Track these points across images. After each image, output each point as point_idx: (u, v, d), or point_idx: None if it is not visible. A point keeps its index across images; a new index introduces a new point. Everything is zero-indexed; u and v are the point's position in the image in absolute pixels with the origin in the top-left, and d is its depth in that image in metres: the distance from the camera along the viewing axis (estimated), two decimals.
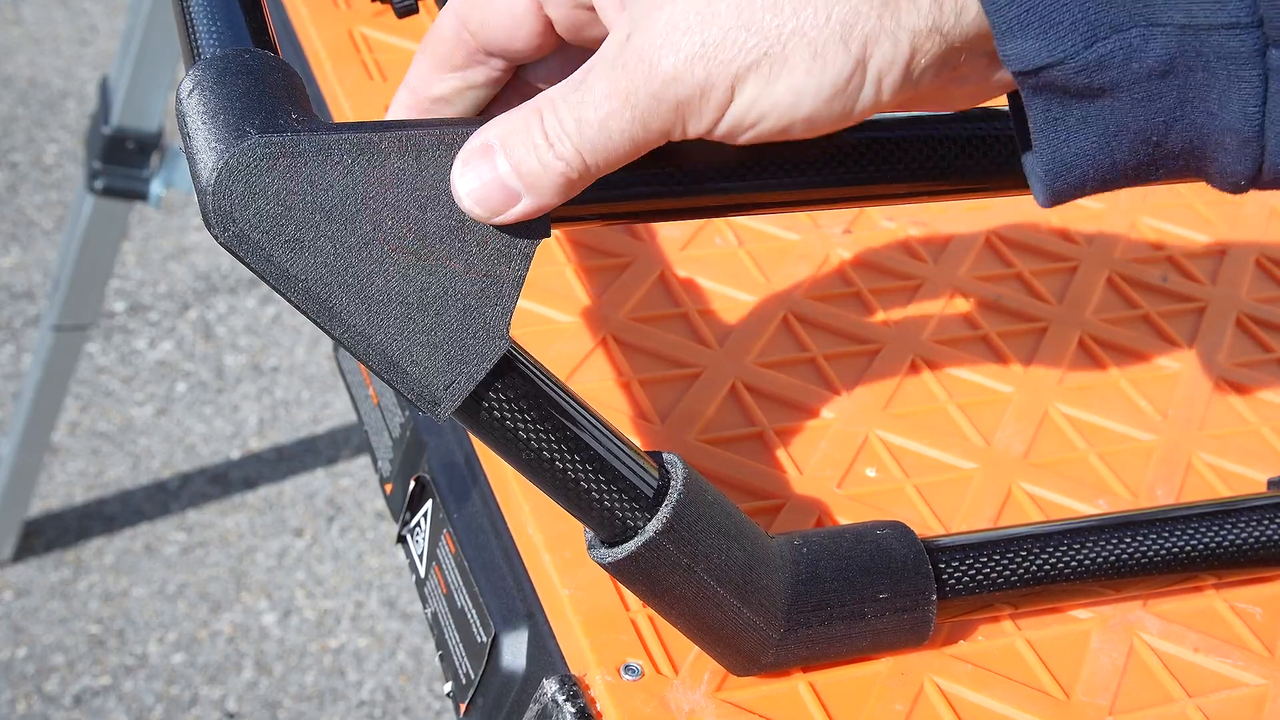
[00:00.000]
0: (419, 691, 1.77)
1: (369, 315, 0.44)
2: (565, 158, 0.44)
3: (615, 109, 0.43)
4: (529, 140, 0.44)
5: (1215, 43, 0.41)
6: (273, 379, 2.15)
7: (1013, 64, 0.42)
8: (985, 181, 0.54)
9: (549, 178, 0.44)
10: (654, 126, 0.44)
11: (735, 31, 0.42)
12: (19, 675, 1.72)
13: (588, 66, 0.44)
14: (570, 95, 0.44)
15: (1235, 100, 0.42)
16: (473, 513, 0.65)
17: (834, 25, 0.42)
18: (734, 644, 0.52)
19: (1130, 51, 0.41)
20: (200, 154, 0.42)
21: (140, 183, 1.49)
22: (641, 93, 0.43)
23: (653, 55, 0.43)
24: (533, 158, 0.44)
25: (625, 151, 0.44)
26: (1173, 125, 0.43)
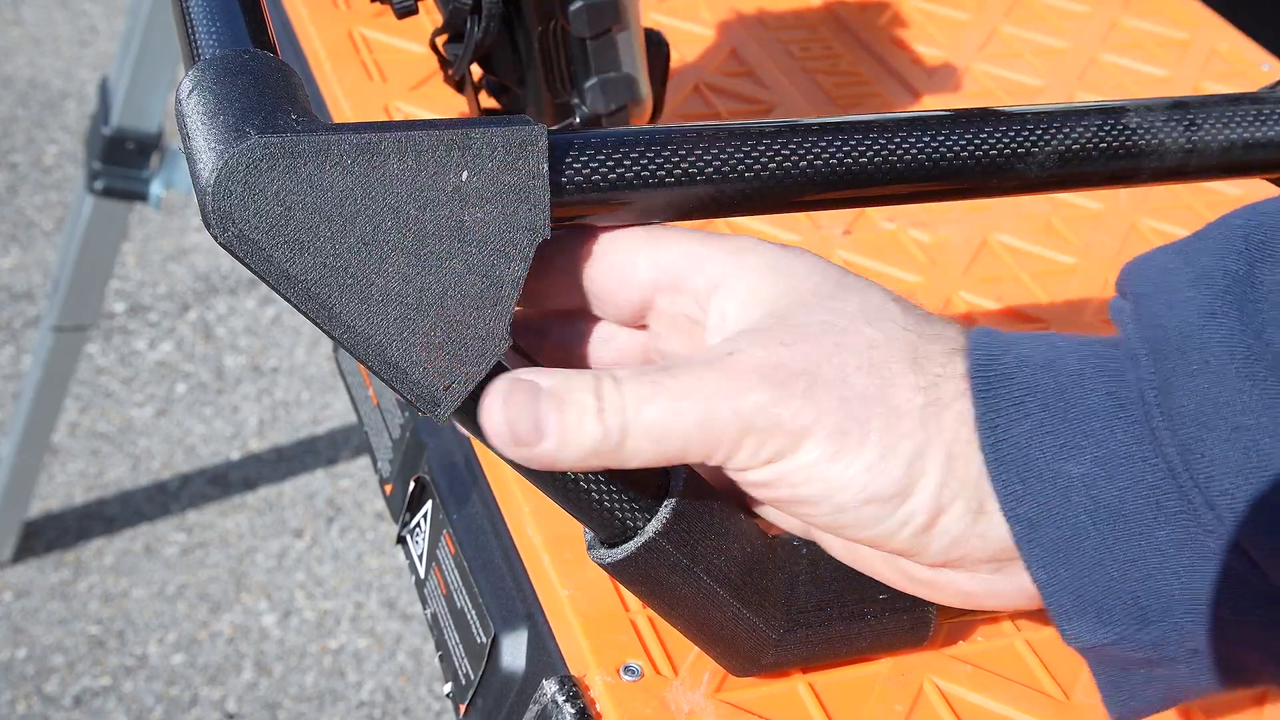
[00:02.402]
0: (419, 692, 1.77)
1: (369, 316, 0.44)
2: (606, 425, 0.44)
3: (687, 408, 0.44)
4: (579, 400, 0.44)
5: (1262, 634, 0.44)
6: (272, 380, 2.15)
7: (1073, 643, 0.45)
8: (985, 181, 0.54)
9: (581, 437, 0.44)
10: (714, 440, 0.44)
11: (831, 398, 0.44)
12: (19, 676, 1.72)
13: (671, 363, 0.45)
14: (644, 377, 0.44)
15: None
16: (472, 513, 0.65)
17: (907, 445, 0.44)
18: (733, 645, 0.52)
19: (1183, 633, 0.44)
20: (200, 155, 0.42)
21: (140, 183, 1.49)
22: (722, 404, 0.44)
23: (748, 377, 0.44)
24: (574, 414, 0.44)
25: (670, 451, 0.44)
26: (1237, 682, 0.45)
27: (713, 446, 0.45)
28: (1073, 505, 0.43)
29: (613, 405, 0.44)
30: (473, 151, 0.44)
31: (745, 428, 0.44)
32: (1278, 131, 0.57)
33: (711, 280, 0.47)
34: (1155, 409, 0.43)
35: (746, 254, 0.48)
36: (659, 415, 0.44)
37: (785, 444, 0.44)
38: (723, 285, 0.47)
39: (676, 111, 0.89)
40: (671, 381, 0.44)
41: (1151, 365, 0.44)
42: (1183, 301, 0.44)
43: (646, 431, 0.44)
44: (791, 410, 0.44)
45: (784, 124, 0.51)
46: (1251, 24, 1.10)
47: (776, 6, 1.01)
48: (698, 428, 0.44)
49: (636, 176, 0.48)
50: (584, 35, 0.70)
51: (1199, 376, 0.43)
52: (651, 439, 0.44)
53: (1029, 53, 1.01)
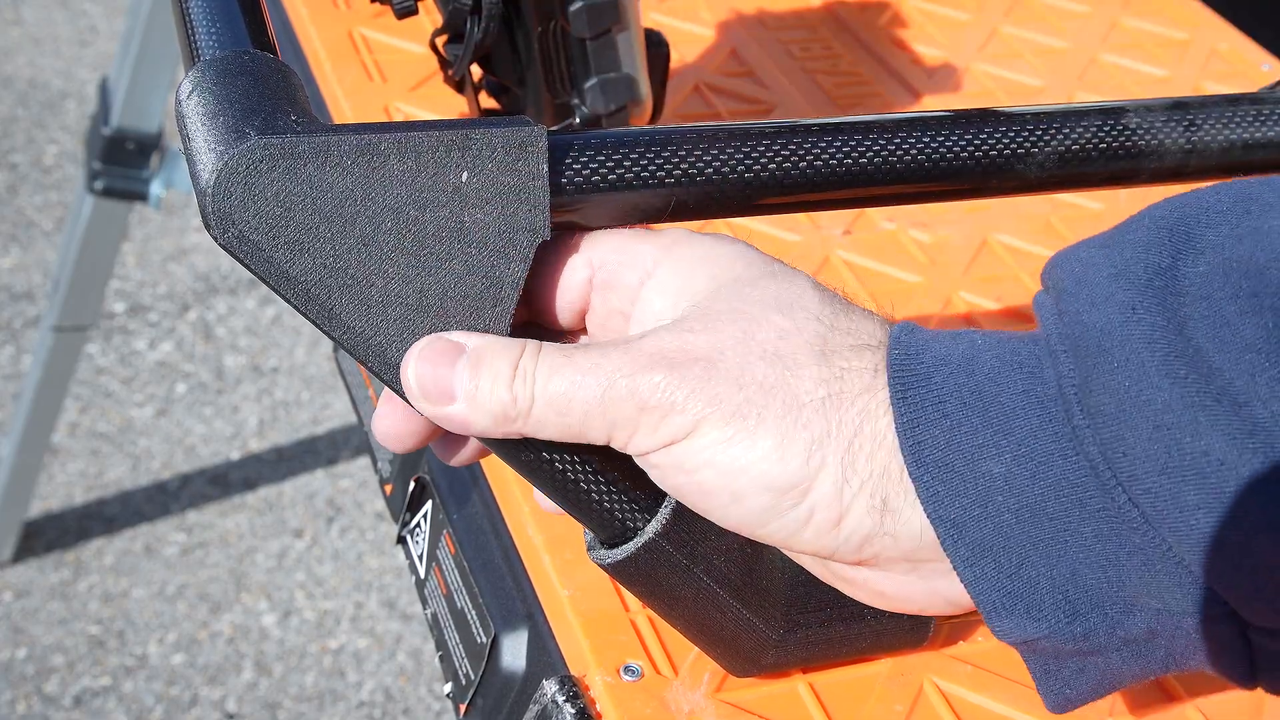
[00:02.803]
0: (419, 692, 1.78)
1: (368, 317, 0.44)
2: (516, 394, 0.45)
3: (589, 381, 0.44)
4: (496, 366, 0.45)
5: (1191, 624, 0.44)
6: (272, 380, 2.15)
7: (1004, 638, 0.45)
8: (985, 182, 0.54)
9: (488, 402, 0.45)
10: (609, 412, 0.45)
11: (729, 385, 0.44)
12: (19, 676, 1.72)
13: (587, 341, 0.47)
14: (560, 351, 0.45)
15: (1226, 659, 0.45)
16: (472, 514, 0.65)
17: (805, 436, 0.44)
18: (733, 645, 0.52)
19: (1112, 624, 0.44)
20: (200, 155, 0.42)
21: (140, 183, 1.49)
22: (621, 381, 0.44)
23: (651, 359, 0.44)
24: (488, 378, 0.45)
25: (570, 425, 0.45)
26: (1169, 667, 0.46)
27: (611, 424, 0.45)
28: (996, 505, 0.43)
29: (525, 374, 0.45)
30: (472, 152, 0.44)
31: (641, 405, 0.44)
32: (1278, 131, 0.57)
33: (641, 275, 0.48)
34: (1076, 407, 0.43)
35: (678, 246, 0.48)
36: (563, 387, 0.45)
37: (681, 425, 0.44)
38: (652, 278, 0.48)
39: (676, 111, 0.89)
40: (581, 356, 0.45)
41: (1072, 363, 0.43)
42: (1104, 298, 0.43)
43: (550, 402, 0.45)
44: (687, 391, 0.44)
45: (784, 124, 0.51)
46: (1251, 24, 1.10)
47: (776, 6, 1.01)
48: (597, 402, 0.45)
49: (636, 177, 0.48)
50: (584, 35, 0.70)
51: (1119, 374, 0.42)
52: (555, 410, 0.45)
53: (1029, 53, 1.01)
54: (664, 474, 0.46)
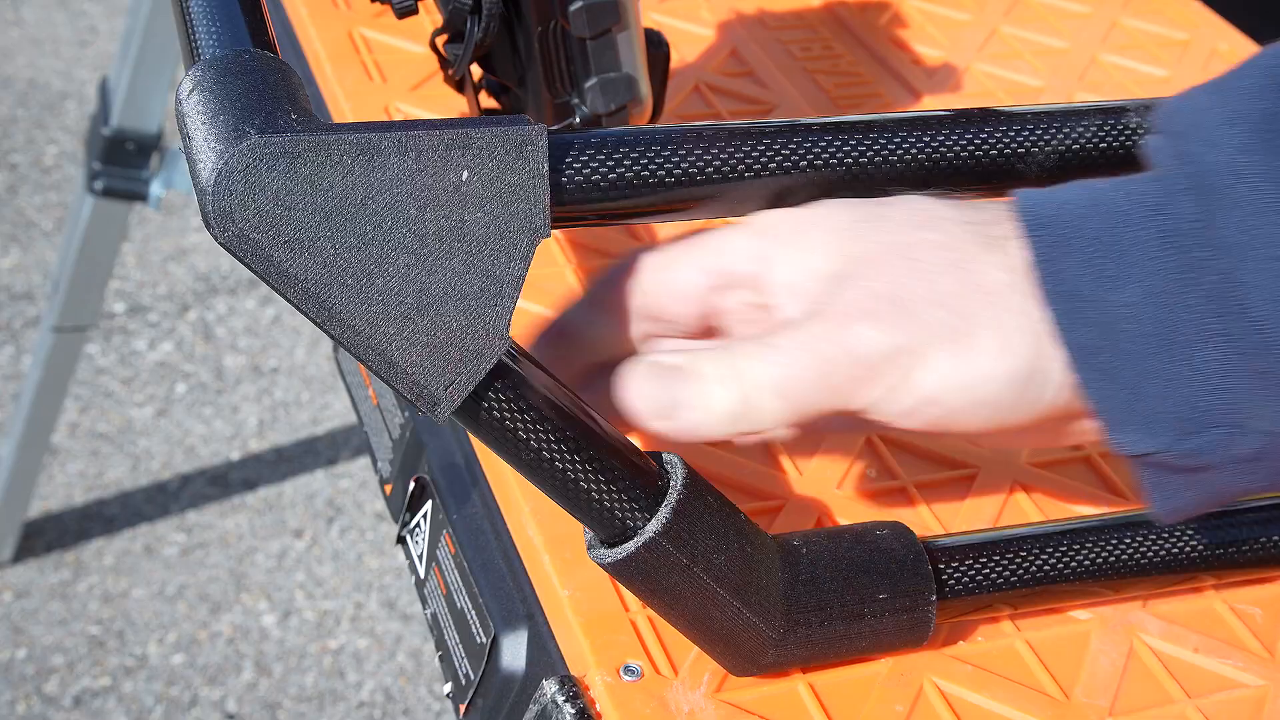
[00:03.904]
0: (419, 692, 1.77)
1: (368, 316, 0.44)
2: (735, 394, 0.47)
3: (807, 363, 0.46)
4: (711, 370, 0.47)
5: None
6: (272, 380, 2.15)
7: (1119, 450, 0.47)
8: (985, 181, 0.54)
9: (712, 406, 0.47)
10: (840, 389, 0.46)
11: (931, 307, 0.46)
12: (19, 676, 1.72)
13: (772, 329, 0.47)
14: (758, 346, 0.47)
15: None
16: (472, 514, 0.65)
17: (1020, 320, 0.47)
18: (733, 644, 0.52)
19: (1224, 444, 0.46)
20: (200, 154, 0.42)
21: (140, 184, 1.49)
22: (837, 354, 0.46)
23: (852, 321, 0.46)
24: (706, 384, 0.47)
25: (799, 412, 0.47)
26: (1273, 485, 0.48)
27: (843, 391, 0.47)
28: (1121, 332, 0.46)
29: (738, 371, 0.47)
30: (473, 151, 0.44)
31: (865, 363, 0.46)
32: None
33: (756, 263, 0.49)
34: (1197, 241, 0.45)
35: (775, 227, 0.49)
36: (780, 372, 0.46)
37: (909, 365, 0.46)
38: (773, 261, 0.49)
39: (676, 111, 0.89)
40: (783, 340, 0.46)
41: (1193, 199, 0.46)
42: (1220, 139, 0.46)
43: (774, 389, 0.46)
44: (895, 330, 0.46)
45: (784, 124, 0.51)
46: (1251, 24, 1.10)
47: (776, 6, 1.01)
48: (820, 375, 0.46)
49: (636, 176, 0.48)
50: (584, 35, 0.70)
51: (1238, 209, 0.45)
52: (781, 395, 0.46)
53: (1029, 53, 1.01)
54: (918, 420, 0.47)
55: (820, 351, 0.46)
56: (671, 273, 0.50)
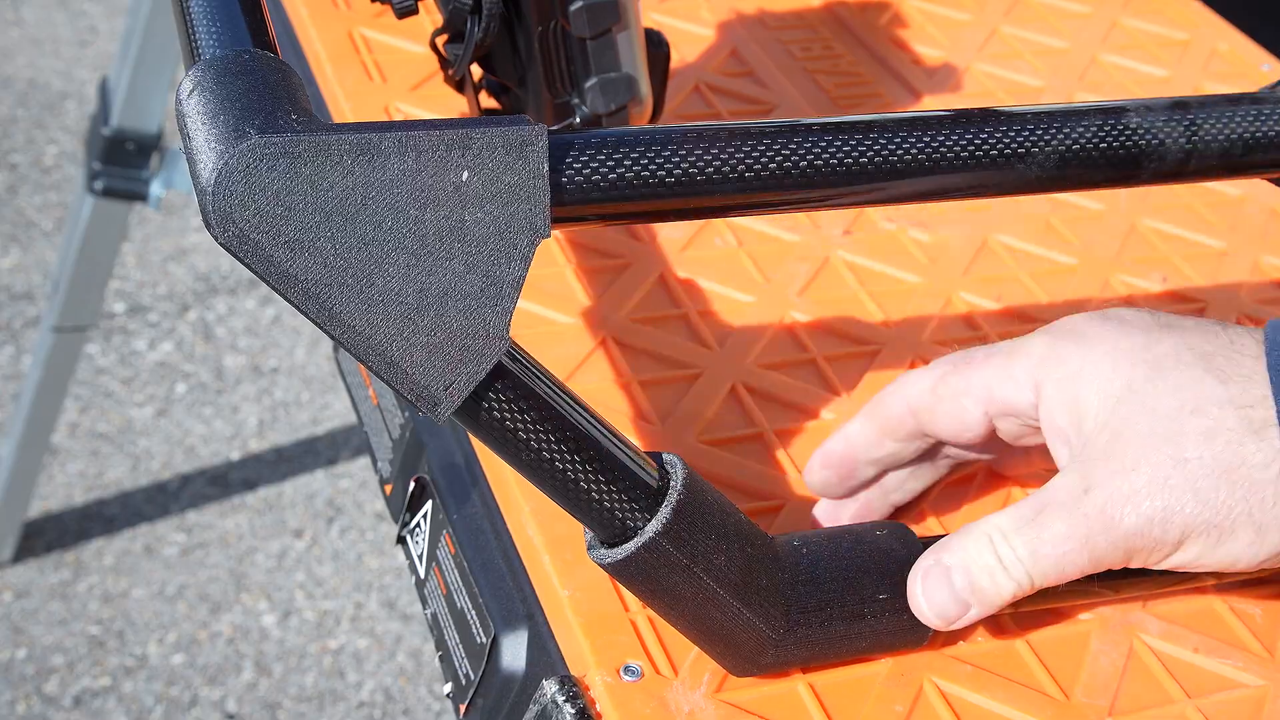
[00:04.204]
0: (419, 692, 1.77)
1: (369, 316, 0.44)
2: (1018, 580, 0.52)
3: (1073, 549, 0.51)
4: (983, 564, 0.52)
5: None
6: (272, 380, 2.15)
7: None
8: (985, 182, 0.54)
9: (1000, 595, 0.52)
10: (1103, 563, 0.52)
11: (1190, 504, 0.50)
12: (19, 676, 1.72)
13: (1038, 505, 0.52)
14: (1024, 529, 0.52)
15: None
16: (472, 514, 0.65)
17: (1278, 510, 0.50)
18: (734, 645, 0.52)
19: None
20: (200, 155, 0.42)
21: (140, 184, 1.49)
22: (1100, 540, 0.51)
23: (1114, 512, 0.51)
24: (986, 578, 0.52)
25: (1069, 578, 0.52)
26: None
27: (1108, 564, 0.52)
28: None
29: (1011, 560, 0.52)
30: (473, 152, 0.44)
31: (1129, 550, 0.51)
32: (1278, 131, 0.57)
33: (1030, 397, 0.54)
34: None
35: (1051, 362, 0.53)
36: (1053, 561, 0.51)
37: (1168, 548, 0.51)
38: (1043, 400, 0.53)
39: (676, 111, 0.89)
40: (1053, 530, 0.51)
41: None
42: None
43: (1046, 574, 0.52)
44: (1160, 529, 0.50)
45: (784, 124, 0.51)
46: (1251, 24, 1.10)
47: (776, 6, 1.01)
48: (1089, 561, 0.52)
49: (636, 177, 0.48)
50: (584, 35, 0.70)
51: None
52: (1055, 575, 0.52)
53: (1029, 53, 1.01)
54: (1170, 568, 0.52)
55: (1089, 539, 0.51)
56: (953, 404, 0.55)
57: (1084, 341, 0.53)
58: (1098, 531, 0.51)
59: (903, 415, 0.57)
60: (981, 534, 0.52)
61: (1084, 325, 0.53)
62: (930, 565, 0.53)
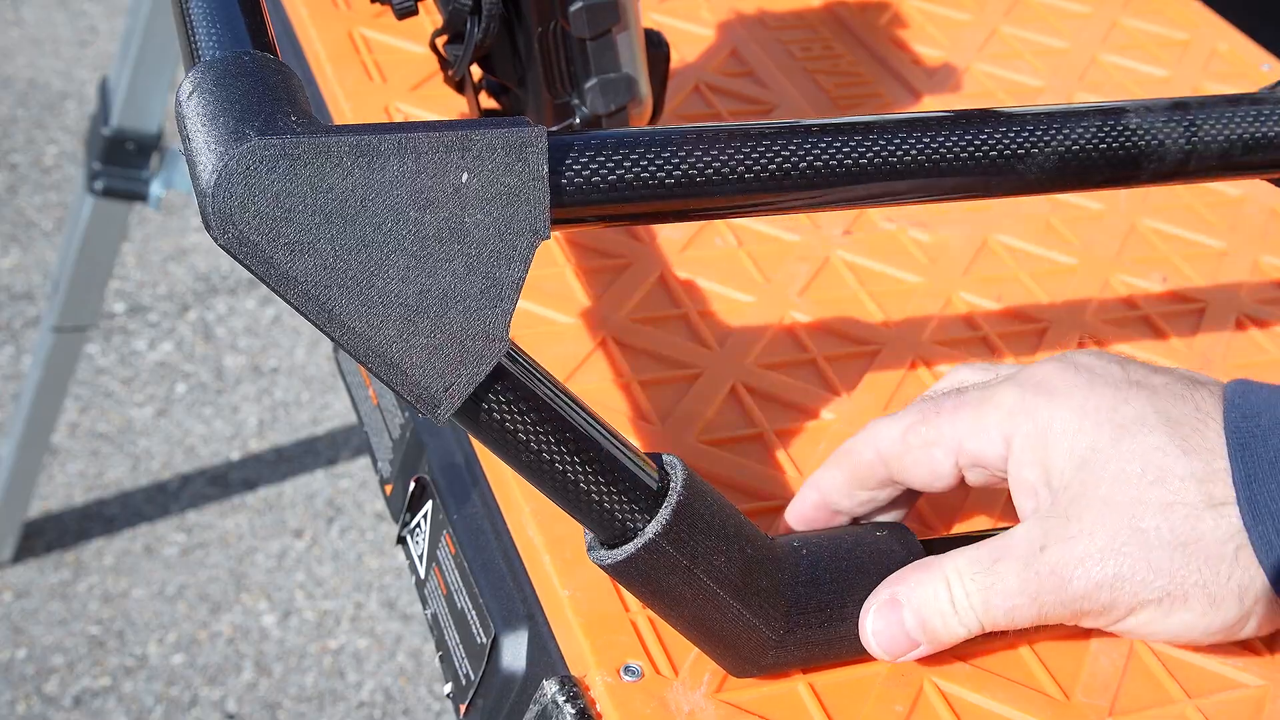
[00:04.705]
0: (419, 692, 1.77)
1: (368, 317, 0.44)
2: (968, 625, 0.53)
3: (1023, 604, 0.52)
4: (937, 606, 0.53)
5: None
6: (272, 380, 2.15)
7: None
8: (985, 182, 0.54)
9: (949, 636, 0.53)
10: (1050, 619, 0.52)
11: (1144, 572, 0.50)
12: (19, 676, 1.72)
13: (996, 554, 0.52)
14: (980, 577, 0.52)
15: None
16: (472, 514, 0.65)
17: (1233, 585, 0.50)
18: (734, 646, 0.52)
19: None
20: (200, 156, 0.42)
21: (140, 184, 1.49)
22: (1050, 599, 0.52)
23: (1066, 574, 0.51)
24: (938, 620, 0.53)
25: (1018, 628, 0.53)
26: None
27: (1056, 620, 0.53)
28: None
29: (964, 606, 0.52)
30: (473, 153, 0.44)
31: (1077, 612, 0.52)
32: (1278, 132, 0.57)
33: (1001, 450, 0.54)
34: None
35: (1020, 416, 0.54)
36: (1003, 612, 0.52)
37: (1118, 614, 0.52)
38: (1013, 454, 0.54)
39: (676, 111, 0.89)
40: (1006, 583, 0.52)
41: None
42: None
43: (997, 621, 0.52)
44: (1111, 594, 0.51)
45: (784, 124, 0.51)
46: (1251, 24, 1.10)
47: (776, 6, 1.01)
48: (1038, 618, 0.52)
49: (636, 178, 0.48)
50: (584, 36, 0.70)
51: None
52: (1005, 624, 0.53)
53: (1029, 53, 1.01)
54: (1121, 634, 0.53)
55: (1038, 597, 0.52)
56: (924, 453, 0.56)
57: (1054, 396, 0.53)
58: (1048, 590, 0.51)
59: (873, 463, 0.57)
60: (939, 575, 0.53)
61: (1054, 378, 0.54)
62: (885, 600, 0.53)
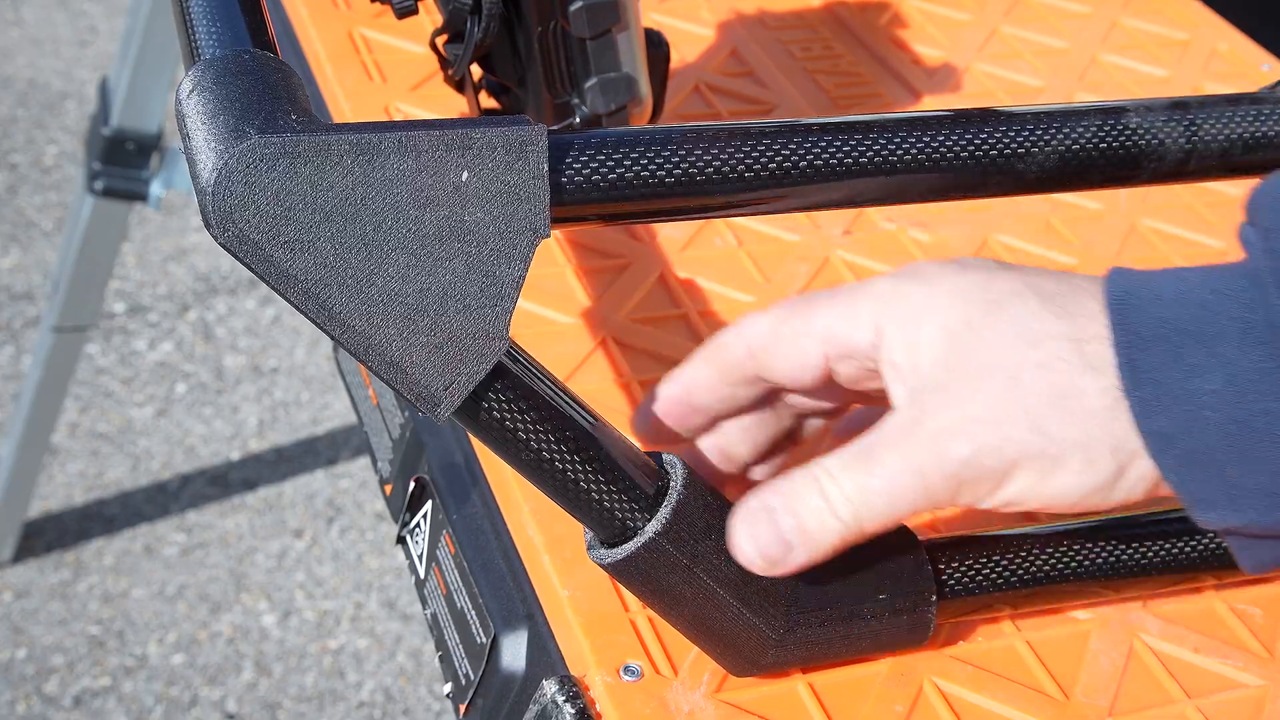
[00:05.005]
0: (419, 692, 1.77)
1: (368, 316, 0.44)
2: (844, 520, 0.50)
3: (904, 483, 0.49)
4: (810, 505, 0.50)
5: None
6: (272, 380, 2.15)
7: (1207, 526, 0.50)
8: (985, 182, 0.54)
9: (826, 537, 0.50)
10: (934, 498, 0.49)
11: (1024, 432, 0.49)
12: (19, 676, 1.72)
13: (867, 443, 0.50)
14: (853, 466, 0.50)
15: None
16: (472, 513, 0.65)
17: (1108, 440, 0.49)
18: (733, 645, 0.52)
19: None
20: (200, 155, 0.42)
21: (140, 184, 1.49)
22: (932, 471, 0.49)
23: (946, 442, 0.49)
24: (813, 519, 0.50)
25: (901, 517, 0.50)
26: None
27: (938, 501, 0.50)
28: (1204, 419, 0.48)
29: (839, 499, 0.50)
30: (473, 152, 0.44)
31: (958, 482, 0.49)
32: (1278, 132, 0.57)
33: (871, 337, 0.51)
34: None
35: (893, 300, 0.51)
36: (884, 498, 0.49)
37: (999, 479, 0.49)
38: (884, 338, 0.51)
39: (676, 111, 0.89)
40: (884, 464, 0.49)
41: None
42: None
43: (876, 512, 0.50)
44: (992, 456, 0.49)
45: (784, 124, 0.51)
46: (1251, 24, 1.10)
47: (776, 6, 1.01)
48: (921, 496, 0.49)
49: (636, 177, 0.48)
50: (584, 36, 0.70)
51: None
52: (885, 516, 0.50)
53: (1029, 53, 1.01)
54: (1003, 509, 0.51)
55: (920, 470, 0.49)
56: (793, 344, 0.53)
57: (927, 281, 0.51)
58: (929, 463, 0.49)
59: (741, 357, 0.54)
60: (809, 475, 0.50)
61: (926, 267, 0.52)
62: (755, 507, 0.51)
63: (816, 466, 0.50)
